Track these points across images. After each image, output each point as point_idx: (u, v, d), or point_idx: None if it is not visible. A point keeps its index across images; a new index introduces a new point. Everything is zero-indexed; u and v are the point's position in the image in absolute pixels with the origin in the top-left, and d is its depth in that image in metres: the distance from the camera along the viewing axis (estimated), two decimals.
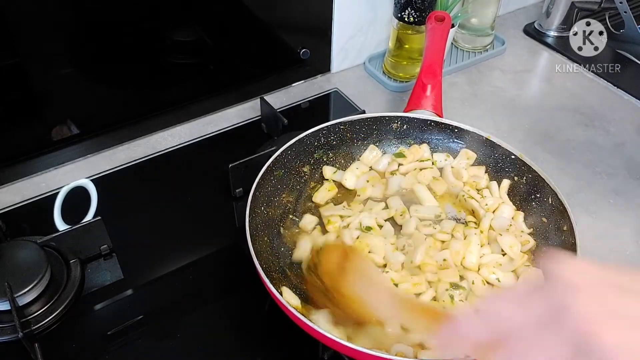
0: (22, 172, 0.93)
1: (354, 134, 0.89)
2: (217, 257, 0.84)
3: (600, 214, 0.91)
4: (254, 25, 1.03)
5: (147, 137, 1.02)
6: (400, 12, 1.05)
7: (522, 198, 0.83)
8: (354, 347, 0.61)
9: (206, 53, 1.03)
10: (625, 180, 0.97)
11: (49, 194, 0.91)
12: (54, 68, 0.88)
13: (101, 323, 0.76)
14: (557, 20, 1.26)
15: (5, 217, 0.87)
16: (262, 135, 1.03)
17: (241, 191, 0.89)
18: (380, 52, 1.19)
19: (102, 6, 0.88)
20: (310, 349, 0.71)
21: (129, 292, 0.79)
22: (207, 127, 1.05)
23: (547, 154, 1.01)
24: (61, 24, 0.87)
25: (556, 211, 0.77)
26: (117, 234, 0.83)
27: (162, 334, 0.74)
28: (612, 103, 1.13)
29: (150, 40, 0.96)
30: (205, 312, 0.77)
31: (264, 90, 1.09)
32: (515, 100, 1.13)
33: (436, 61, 0.92)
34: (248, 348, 0.74)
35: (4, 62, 0.84)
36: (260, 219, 0.78)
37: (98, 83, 0.95)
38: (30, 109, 0.92)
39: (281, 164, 0.83)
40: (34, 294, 0.74)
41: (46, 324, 0.74)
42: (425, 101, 0.91)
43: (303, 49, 1.09)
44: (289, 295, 0.71)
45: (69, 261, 0.80)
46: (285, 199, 0.84)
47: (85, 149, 0.98)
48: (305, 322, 0.63)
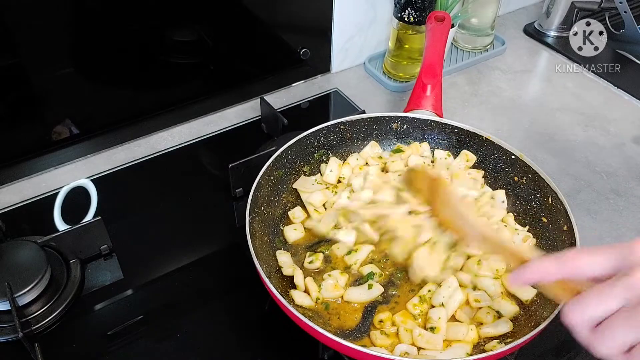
0: (22, 172, 0.94)
1: (354, 134, 0.89)
2: (217, 257, 0.84)
3: (600, 214, 0.91)
4: (254, 25, 1.03)
5: (147, 137, 1.02)
6: (400, 12, 1.05)
7: (522, 198, 0.83)
8: (354, 347, 0.61)
9: (206, 53, 1.03)
10: (625, 180, 0.97)
11: (49, 194, 0.91)
12: (54, 68, 0.88)
13: (101, 323, 0.76)
14: (557, 20, 1.26)
15: (5, 217, 0.87)
16: (262, 135, 1.03)
17: (241, 191, 0.89)
18: (380, 52, 1.19)
19: (102, 6, 0.88)
20: (310, 349, 0.71)
21: (129, 292, 0.79)
22: (207, 127, 1.05)
23: (547, 154, 1.01)
24: (61, 23, 0.87)
25: (556, 211, 0.77)
26: (117, 234, 0.83)
27: (162, 334, 0.74)
28: (612, 103, 1.13)
29: (150, 40, 0.96)
30: (205, 312, 0.77)
31: (264, 90, 1.09)
32: (515, 100, 1.13)
33: (436, 61, 0.92)
34: (248, 348, 0.74)
35: (4, 62, 0.84)
36: (260, 219, 0.77)
37: (98, 83, 0.95)
38: (30, 109, 0.92)
39: (281, 164, 0.83)
40: (34, 294, 0.74)
41: (46, 324, 0.74)
42: (425, 101, 0.91)
43: (303, 49, 1.09)
44: (301, 297, 0.71)
45: (69, 261, 0.80)
46: (285, 199, 0.84)
47: (85, 149, 0.98)
48: (305, 322, 0.63)
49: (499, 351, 0.62)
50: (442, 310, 0.70)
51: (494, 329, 0.69)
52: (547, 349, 0.73)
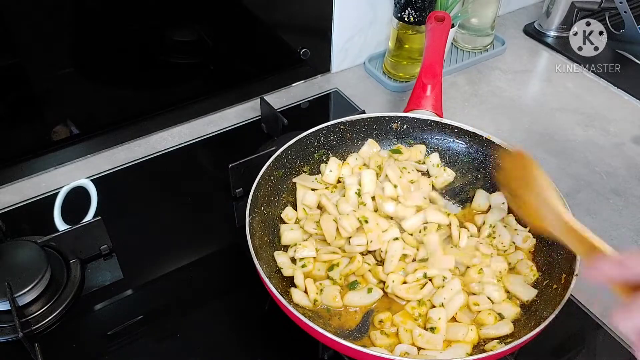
0: (22, 172, 0.93)
1: (354, 134, 0.89)
2: (217, 257, 0.84)
3: (600, 214, 0.91)
4: (254, 25, 1.03)
5: (147, 137, 1.02)
6: (400, 12, 1.05)
7: None
8: (354, 347, 0.61)
9: (206, 53, 1.03)
10: (625, 180, 0.97)
11: (49, 194, 0.91)
12: (54, 68, 0.88)
13: (101, 323, 0.76)
14: (557, 20, 1.26)
15: (5, 217, 0.87)
16: (262, 135, 1.03)
17: (241, 191, 0.89)
18: (380, 52, 1.19)
19: (102, 6, 0.88)
20: (310, 349, 0.71)
21: (129, 292, 0.79)
22: (207, 127, 1.05)
23: (547, 154, 1.01)
24: (61, 24, 0.87)
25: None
26: (117, 234, 0.83)
27: (162, 334, 0.74)
28: (612, 103, 1.13)
29: (151, 40, 0.96)
30: (205, 312, 0.77)
31: (264, 90, 1.09)
32: (515, 100, 1.13)
33: (436, 61, 0.92)
34: (248, 348, 0.74)
35: (4, 62, 0.84)
36: (260, 219, 0.77)
37: (98, 83, 0.95)
38: (30, 109, 0.92)
39: (281, 164, 0.83)
40: (34, 294, 0.74)
41: (46, 324, 0.74)
42: (425, 101, 0.91)
43: (303, 49, 1.09)
44: (300, 297, 0.71)
45: (69, 261, 0.80)
46: (285, 199, 0.84)
47: (85, 149, 0.98)
48: (305, 322, 0.63)
49: (499, 351, 0.62)
50: (442, 310, 0.70)
51: (495, 330, 0.69)
52: (547, 349, 0.73)
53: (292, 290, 0.73)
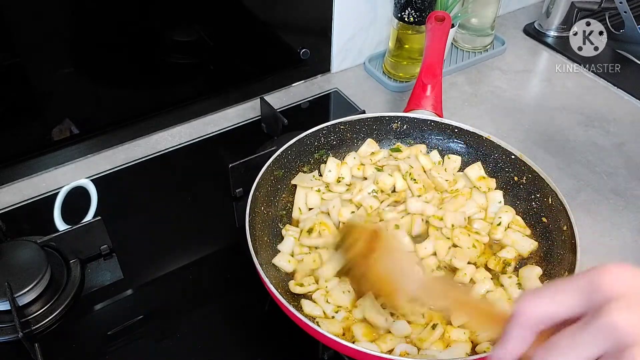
0: (22, 172, 0.94)
1: (354, 134, 0.89)
2: (217, 257, 0.84)
3: (600, 214, 0.91)
4: (254, 25, 1.03)
5: (147, 137, 1.02)
6: (400, 12, 1.05)
7: (522, 198, 0.83)
8: (354, 347, 0.61)
9: (206, 53, 1.03)
10: (625, 180, 0.97)
11: (49, 194, 0.91)
12: (54, 68, 0.88)
13: (101, 323, 0.76)
14: (557, 20, 1.26)
15: (5, 217, 0.87)
16: (262, 135, 1.03)
17: (241, 191, 0.89)
18: (380, 52, 1.19)
19: (102, 6, 0.88)
20: (310, 349, 0.71)
21: (129, 292, 0.79)
22: (207, 127, 1.05)
23: (547, 154, 1.01)
24: (61, 24, 0.87)
25: (556, 211, 0.77)
26: (117, 234, 0.83)
27: (162, 334, 0.74)
28: (612, 103, 1.13)
29: (151, 40, 0.96)
30: (205, 312, 0.77)
31: (264, 90, 1.09)
32: (515, 100, 1.13)
33: (436, 61, 0.92)
34: (248, 348, 0.74)
35: (4, 62, 0.84)
36: (260, 219, 0.78)
37: (98, 83, 0.95)
38: (30, 109, 0.92)
39: (281, 164, 0.83)
40: (34, 294, 0.74)
41: (46, 324, 0.74)
42: (425, 101, 0.91)
43: (303, 49, 1.09)
44: (310, 307, 0.71)
45: (69, 261, 0.80)
46: (285, 199, 0.84)
47: (85, 149, 0.98)
48: (305, 322, 0.63)
49: None
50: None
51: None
52: None
53: (290, 283, 0.72)
